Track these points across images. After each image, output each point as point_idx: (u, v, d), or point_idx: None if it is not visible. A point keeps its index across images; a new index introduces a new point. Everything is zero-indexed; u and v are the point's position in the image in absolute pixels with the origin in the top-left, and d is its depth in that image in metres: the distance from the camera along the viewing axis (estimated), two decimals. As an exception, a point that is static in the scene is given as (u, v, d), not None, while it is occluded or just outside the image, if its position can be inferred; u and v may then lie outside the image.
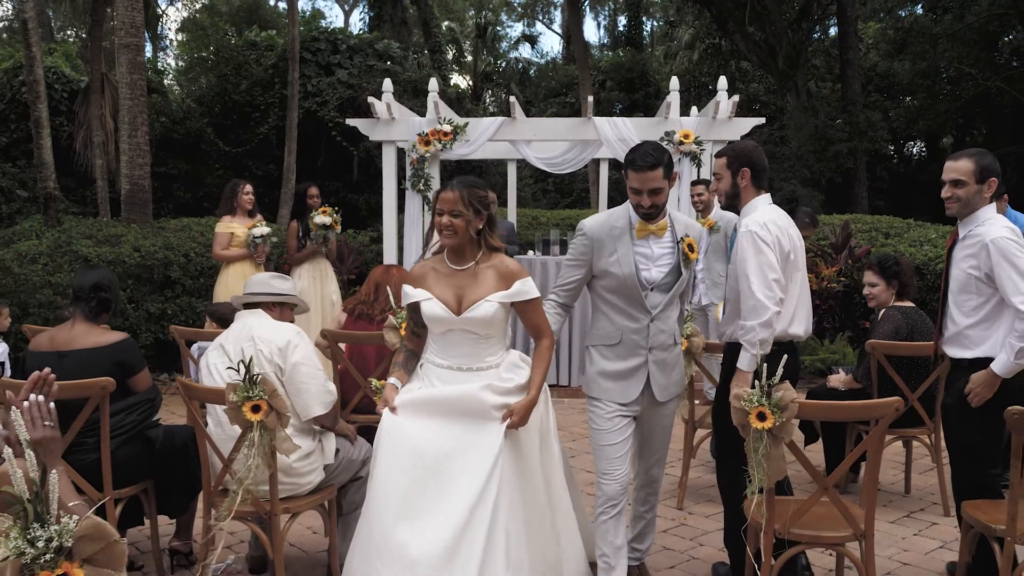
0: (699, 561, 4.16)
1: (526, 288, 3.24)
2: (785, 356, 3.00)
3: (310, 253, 7.16)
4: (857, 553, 3.20)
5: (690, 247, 3.49)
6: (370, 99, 7.72)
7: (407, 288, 3.29)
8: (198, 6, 33.30)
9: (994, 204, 3.67)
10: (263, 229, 6.83)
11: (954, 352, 3.69)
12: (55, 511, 1.51)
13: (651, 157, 3.34)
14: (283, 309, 3.74)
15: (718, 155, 3.84)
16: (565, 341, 8.03)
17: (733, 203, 3.75)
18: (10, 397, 1.98)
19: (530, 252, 8.81)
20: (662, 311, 3.49)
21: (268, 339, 3.52)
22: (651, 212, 3.40)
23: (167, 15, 26.71)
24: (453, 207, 3.14)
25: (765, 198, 3.72)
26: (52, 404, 1.97)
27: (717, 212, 6.98)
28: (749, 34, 21.47)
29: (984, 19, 20.86)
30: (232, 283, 6.78)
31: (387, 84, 7.91)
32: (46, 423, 1.93)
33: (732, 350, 3.67)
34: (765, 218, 3.58)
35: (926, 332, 4.72)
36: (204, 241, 9.10)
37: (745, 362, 3.49)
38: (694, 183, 7.24)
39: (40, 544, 1.48)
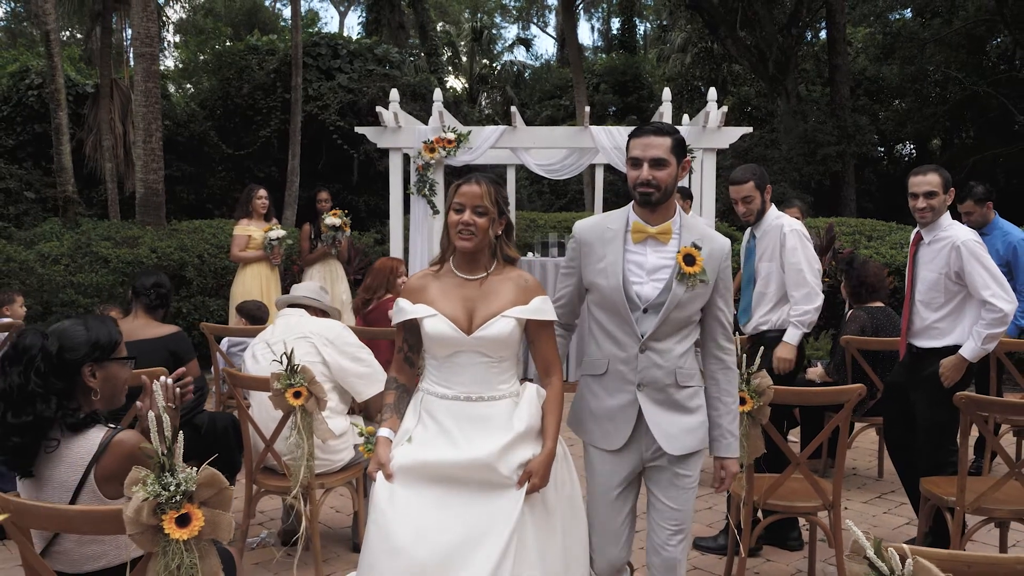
0: (688, 536, 4.59)
1: (546, 307, 2.76)
2: (762, 348, 3.45)
3: (321, 254, 7.57)
4: (827, 522, 3.64)
5: (688, 259, 2.72)
6: (378, 108, 8.11)
7: (402, 303, 2.76)
8: (192, 5, 33.64)
9: (948, 212, 4.15)
10: (278, 232, 7.22)
11: (924, 343, 4.18)
12: (181, 464, 1.93)
13: (656, 125, 2.80)
14: (323, 315, 4.24)
15: (741, 181, 4.43)
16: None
17: (759, 219, 4.47)
18: (151, 375, 2.45)
19: (529, 254, 9.22)
20: (658, 340, 2.76)
21: (318, 332, 3.98)
22: (649, 193, 2.72)
23: (167, 16, 27.01)
24: (478, 202, 2.66)
25: (774, 207, 4.53)
26: (178, 389, 2.45)
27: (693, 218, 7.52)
28: (740, 39, 21.92)
29: (971, 24, 21.32)
30: (249, 283, 7.16)
31: (394, 94, 8.30)
32: (169, 404, 2.39)
33: (761, 339, 4.25)
34: (796, 221, 4.40)
35: (891, 329, 5.18)
36: (216, 242, 9.50)
37: (795, 337, 4.36)
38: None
39: (171, 489, 1.90)
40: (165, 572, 1.92)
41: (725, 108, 8.00)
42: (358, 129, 8.58)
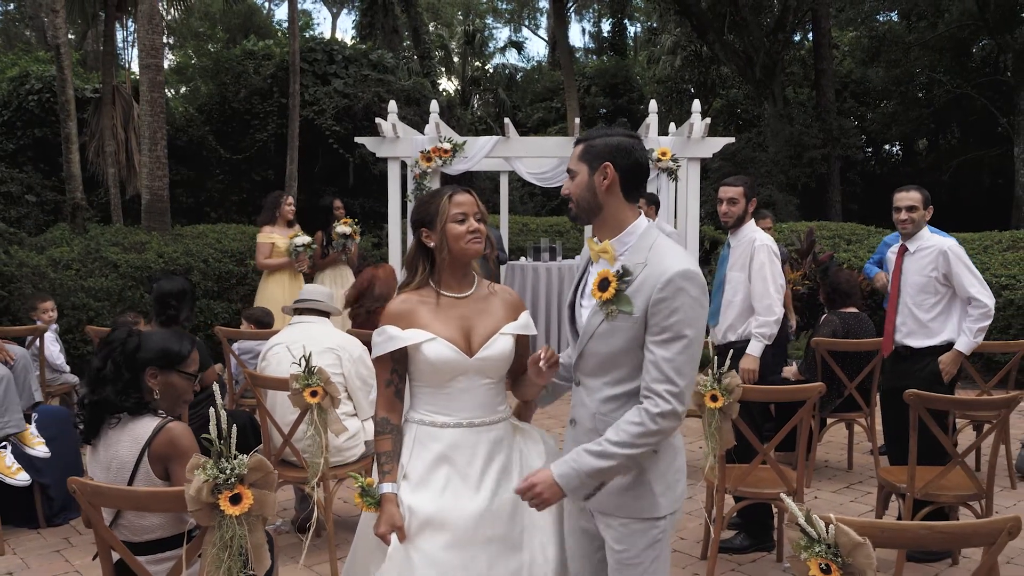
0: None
1: (529, 321, 2.71)
2: (732, 351, 3.84)
3: (333, 260, 7.90)
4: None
5: (602, 283, 2.33)
6: (377, 120, 8.47)
7: (390, 331, 2.54)
8: (186, 6, 33.82)
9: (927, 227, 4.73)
10: (304, 239, 7.47)
11: (918, 343, 4.66)
12: (234, 452, 2.32)
13: (583, 134, 2.50)
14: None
15: (733, 184, 4.86)
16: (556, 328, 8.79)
17: (738, 225, 4.87)
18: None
19: (522, 258, 9.60)
20: (583, 374, 2.43)
21: (346, 348, 4.41)
22: (568, 208, 2.47)
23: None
24: (476, 209, 2.59)
25: (753, 221, 4.95)
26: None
27: (658, 223, 8.00)
28: (728, 43, 22.34)
29: (954, 28, 21.78)
30: (273, 289, 7.41)
31: (392, 106, 8.66)
32: None
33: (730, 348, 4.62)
34: (768, 237, 4.81)
35: (862, 334, 5.61)
36: (220, 247, 9.86)
37: (757, 349, 4.72)
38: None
39: (226, 472, 2.28)
40: (220, 543, 2.30)
41: (708, 120, 8.38)
42: (357, 139, 8.92)
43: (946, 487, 3.94)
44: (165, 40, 34.00)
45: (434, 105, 8.67)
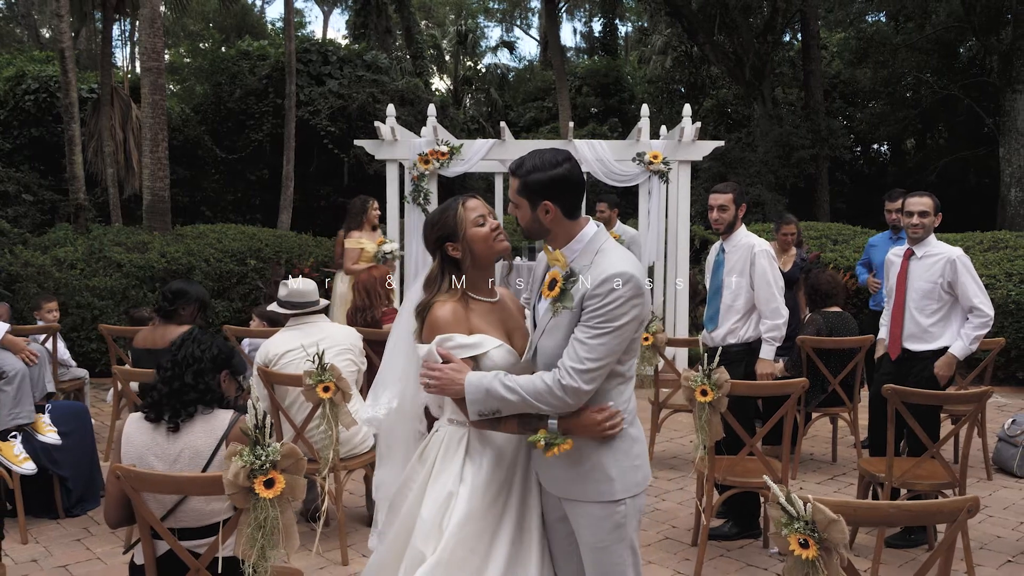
0: (661, 512, 5.22)
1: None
2: (720, 349, 4.07)
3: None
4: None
5: (551, 284, 2.56)
6: (376, 123, 8.68)
7: (460, 339, 2.54)
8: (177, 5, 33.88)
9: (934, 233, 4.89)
10: (392, 245, 7.56)
11: (917, 346, 4.84)
12: (268, 440, 2.54)
13: (515, 163, 2.63)
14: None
15: (723, 191, 5.06)
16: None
17: (730, 230, 5.06)
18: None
19: (517, 258, 9.82)
20: (538, 369, 2.55)
21: (357, 345, 4.66)
22: (522, 228, 2.64)
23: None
24: (489, 210, 2.66)
25: (744, 227, 5.13)
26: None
27: (620, 227, 8.27)
28: (718, 44, 22.58)
29: (941, 30, 22.07)
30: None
31: (391, 109, 8.87)
32: None
33: (727, 352, 4.80)
34: (765, 243, 4.98)
35: (845, 332, 5.86)
36: (220, 247, 10.05)
37: (770, 352, 4.90)
38: (599, 200, 8.39)
39: (262, 459, 2.50)
40: (255, 523, 2.52)
41: (699, 124, 8.63)
42: (356, 141, 9.13)
43: (922, 476, 4.19)
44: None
45: (431, 109, 8.90)
